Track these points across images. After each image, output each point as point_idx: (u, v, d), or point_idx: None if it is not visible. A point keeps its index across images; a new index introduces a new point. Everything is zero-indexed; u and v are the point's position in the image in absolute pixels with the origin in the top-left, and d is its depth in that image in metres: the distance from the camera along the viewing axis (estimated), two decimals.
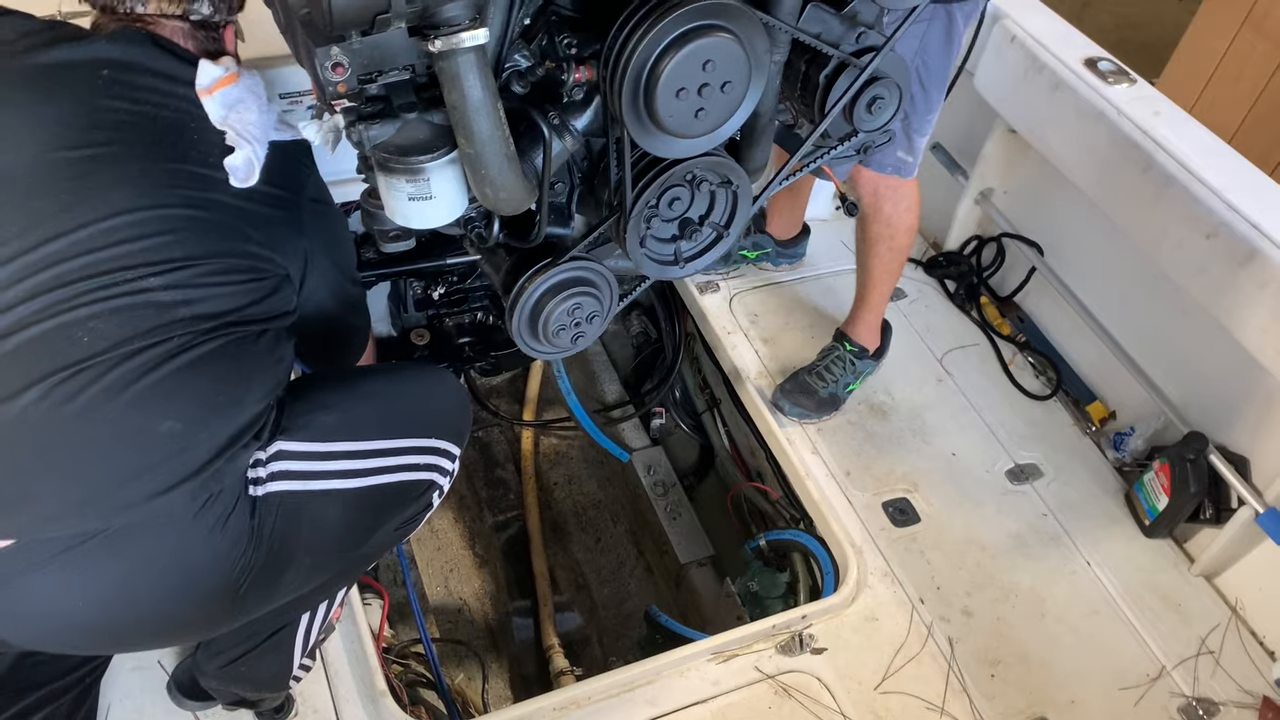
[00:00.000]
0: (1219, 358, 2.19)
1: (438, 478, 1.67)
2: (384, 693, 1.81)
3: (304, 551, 1.50)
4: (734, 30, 1.07)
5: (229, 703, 1.75)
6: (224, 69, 1.45)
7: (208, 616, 1.47)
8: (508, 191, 1.11)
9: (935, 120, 2.13)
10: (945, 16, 1.95)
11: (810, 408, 2.39)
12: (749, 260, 2.75)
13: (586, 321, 1.31)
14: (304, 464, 1.49)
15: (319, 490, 1.49)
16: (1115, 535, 2.28)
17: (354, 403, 1.60)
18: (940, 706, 1.92)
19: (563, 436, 3.01)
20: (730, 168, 1.24)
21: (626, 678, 1.90)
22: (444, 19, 0.99)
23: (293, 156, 1.52)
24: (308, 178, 1.55)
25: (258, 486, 1.44)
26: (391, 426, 1.61)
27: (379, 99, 1.09)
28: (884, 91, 1.28)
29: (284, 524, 1.45)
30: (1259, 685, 2.01)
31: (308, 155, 1.56)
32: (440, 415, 1.70)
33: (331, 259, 1.62)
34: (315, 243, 1.55)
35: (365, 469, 1.54)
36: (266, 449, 1.45)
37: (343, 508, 1.52)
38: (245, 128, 1.42)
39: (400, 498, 1.62)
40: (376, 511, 1.60)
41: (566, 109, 1.16)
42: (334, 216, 1.67)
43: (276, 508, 1.44)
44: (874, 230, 2.30)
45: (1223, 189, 2.05)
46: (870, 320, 2.44)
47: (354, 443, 1.54)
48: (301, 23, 1.02)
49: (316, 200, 1.57)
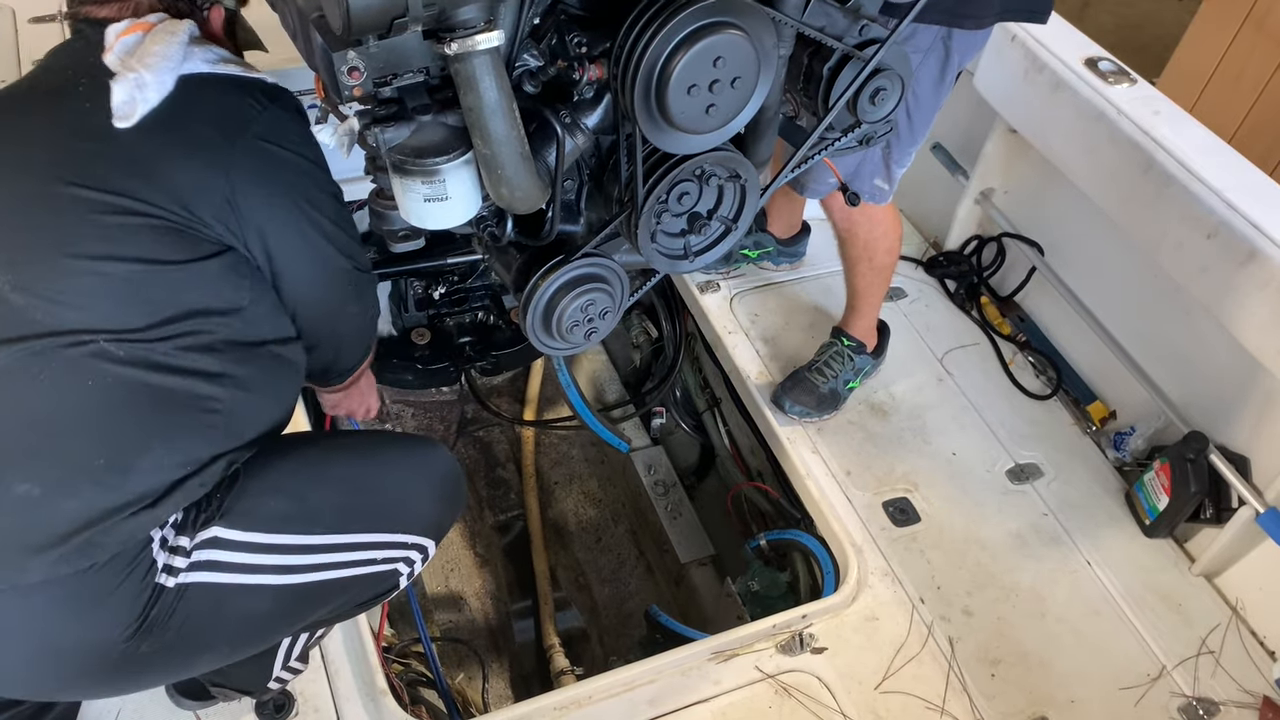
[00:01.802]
0: (1219, 357, 2.20)
1: (401, 567, 1.51)
2: (384, 692, 1.80)
3: (223, 641, 1.37)
4: (743, 26, 1.07)
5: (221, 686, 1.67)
6: (129, 21, 1.31)
7: (95, 684, 1.34)
8: (523, 191, 1.11)
9: (915, 153, 2.14)
10: (942, 51, 1.95)
11: (811, 405, 2.39)
12: (750, 259, 2.75)
13: (599, 317, 1.31)
14: (238, 555, 1.31)
15: (248, 584, 1.33)
16: (1115, 535, 2.28)
17: (315, 488, 1.41)
18: (940, 706, 1.92)
19: (564, 436, 3.01)
20: (739, 162, 1.25)
21: (627, 677, 1.89)
22: (459, 21, 0.99)
23: (237, 90, 1.32)
24: (256, 114, 1.32)
25: (171, 576, 1.27)
26: (356, 520, 1.42)
27: (392, 101, 1.09)
28: (887, 83, 1.28)
29: (200, 615, 1.30)
30: (1259, 685, 2.01)
31: (265, 93, 1.34)
32: (419, 509, 1.52)
33: (293, 215, 1.35)
34: (252, 188, 1.30)
35: (308, 565, 1.37)
36: (195, 535, 1.28)
37: (274, 602, 1.36)
38: (140, 60, 1.24)
39: (348, 590, 1.46)
40: (314, 604, 1.44)
41: (577, 107, 1.17)
42: (298, 165, 1.37)
43: (190, 599, 1.28)
44: (852, 253, 2.32)
45: (1223, 189, 2.05)
46: (864, 324, 2.45)
47: (303, 536, 1.36)
48: (316, 27, 1.02)
49: (269, 141, 1.32)
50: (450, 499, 1.59)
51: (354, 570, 1.43)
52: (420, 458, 1.57)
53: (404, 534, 1.48)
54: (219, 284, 1.29)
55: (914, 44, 1.91)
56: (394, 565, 1.49)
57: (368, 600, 1.53)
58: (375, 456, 1.53)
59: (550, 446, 3.00)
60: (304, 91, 2.22)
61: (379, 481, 1.49)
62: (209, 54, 1.32)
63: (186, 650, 1.33)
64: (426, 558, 1.54)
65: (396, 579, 1.52)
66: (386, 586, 1.52)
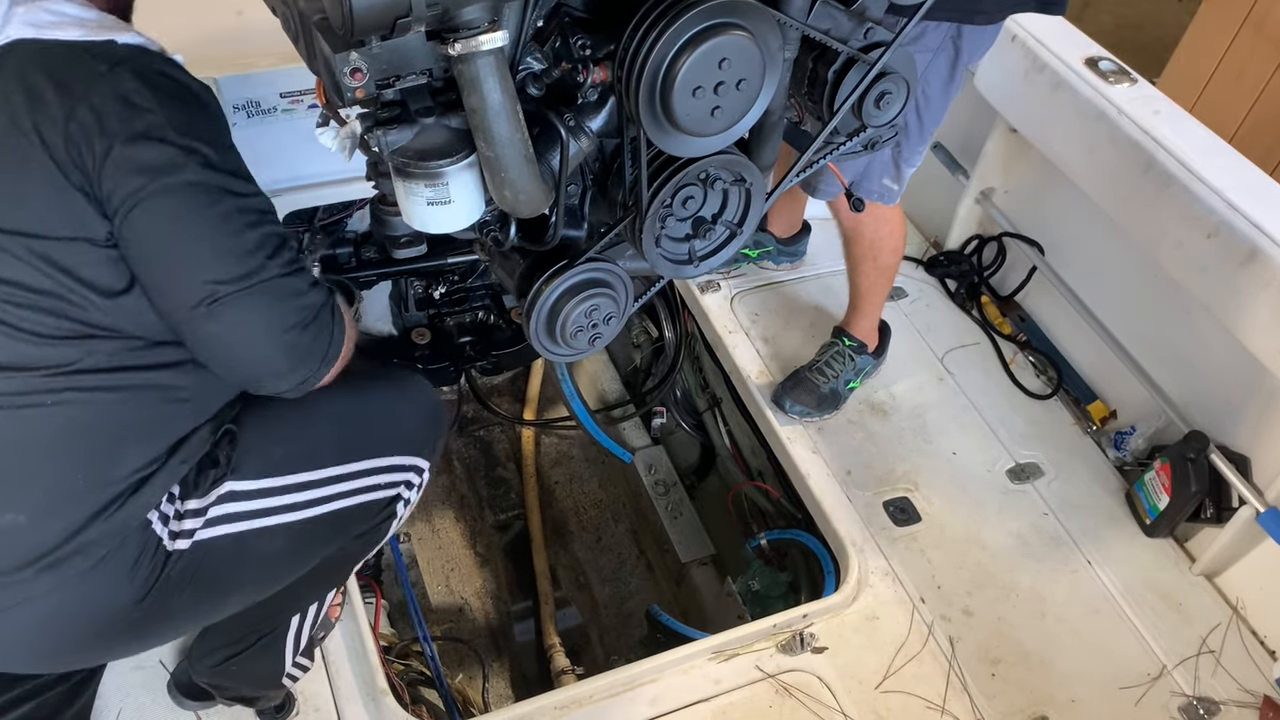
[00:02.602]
0: (1220, 357, 2.20)
1: (403, 491, 1.57)
2: (385, 691, 1.80)
3: (241, 585, 1.43)
4: (748, 28, 1.07)
5: (228, 698, 1.73)
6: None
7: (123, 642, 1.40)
8: (527, 194, 1.11)
9: (925, 152, 2.14)
10: (951, 50, 1.95)
11: (811, 404, 2.39)
12: (750, 259, 2.75)
13: (604, 323, 1.30)
14: (252, 503, 1.38)
15: (261, 527, 1.39)
16: (1116, 534, 2.28)
17: (311, 426, 1.47)
18: (941, 706, 1.92)
19: (564, 436, 3.01)
20: (744, 165, 1.24)
21: (627, 677, 1.90)
22: (463, 22, 0.98)
23: (87, 51, 1.17)
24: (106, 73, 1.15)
25: (184, 539, 1.32)
26: (352, 450, 1.49)
27: (394, 104, 1.09)
28: (892, 86, 1.28)
29: (218, 566, 1.36)
30: (1260, 685, 2.02)
31: (104, 59, 1.16)
32: (408, 431, 1.58)
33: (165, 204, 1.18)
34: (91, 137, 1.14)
35: (315, 499, 1.44)
36: (208, 494, 1.34)
37: (287, 539, 1.43)
38: None
39: (356, 517, 1.53)
40: (328, 535, 1.51)
41: (581, 110, 1.16)
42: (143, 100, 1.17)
43: (210, 551, 1.34)
44: (857, 251, 2.32)
45: (1223, 188, 2.06)
46: (866, 324, 2.45)
47: (306, 473, 1.43)
48: (318, 28, 1.01)
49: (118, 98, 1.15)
50: (435, 418, 1.65)
51: (358, 498, 1.49)
52: (400, 384, 1.64)
53: (399, 456, 1.54)
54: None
55: (923, 43, 1.92)
56: (395, 490, 1.55)
57: (373, 530, 1.58)
58: (359, 389, 1.54)
59: (550, 446, 3.01)
60: (304, 93, 2.24)
61: (367, 411, 1.54)
62: (39, 14, 1.18)
63: (210, 597, 1.40)
64: (422, 478, 1.60)
65: (396, 505, 1.57)
66: (389, 513, 1.57)
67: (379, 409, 1.56)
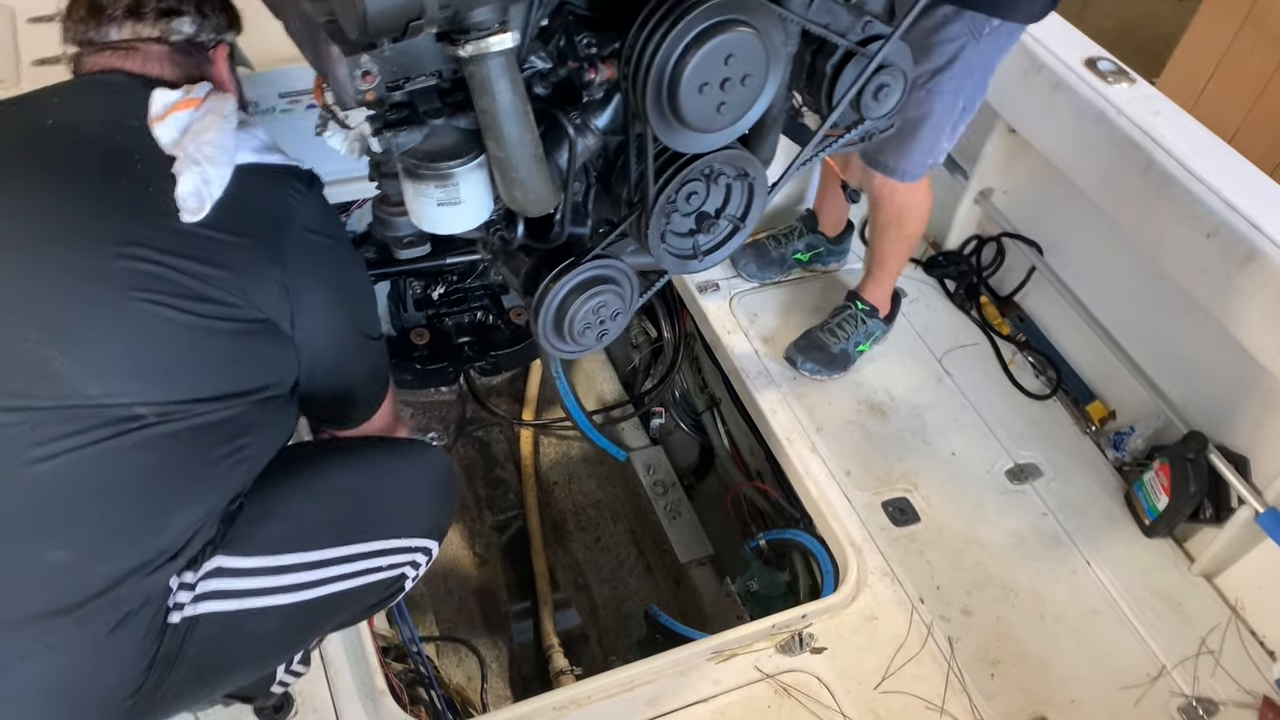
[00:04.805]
0: (1219, 357, 2.20)
1: (408, 570, 1.52)
2: (384, 692, 1.79)
3: (239, 664, 1.39)
4: (753, 24, 1.07)
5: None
6: (182, 93, 1.31)
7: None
8: (536, 193, 1.11)
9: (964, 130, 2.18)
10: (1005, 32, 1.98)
11: (823, 362, 2.46)
12: (802, 263, 2.78)
13: (611, 319, 1.31)
14: (243, 581, 1.33)
15: (257, 608, 1.34)
16: (1115, 535, 2.28)
17: (312, 505, 1.43)
18: (940, 706, 1.92)
19: (563, 436, 3.01)
20: (747, 160, 1.25)
21: (626, 677, 1.89)
22: (473, 24, 0.98)
23: (280, 179, 1.36)
24: (299, 203, 1.35)
25: (177, 611, 1.28)
26: (354, 531, 1.44)
27: (403, 105, 1.09)
28: (890, 79, 1.29)
29: (213, 644, 1.31)
30: (1259, 685, 2.02)
31: (302, 181, 1.38)
32: (416, 510, 1.54)
33: (330, 298, 1.40)
34: (303, 277, 1.33)
35: (311, 581, 1.39)
36: (199, 568, 1.29)
37: (284, 620, 1.38)
38: (199, 149, 1.25)
39: (355, 599, 1.48)
40: (325, 617, 1.47)
41: (587, 108, 1.16)
42: (336, 251, 1.43)
43: (200, 629, 1.30)
44: (883, 217, 2.35)
45: (1223, 188, 2.06)
46: (880, 291, 2.50)
47: (302, 554, 1.38)
48: (327, 31, 1.00)
49: (312, 230, 1.36)
50: (447, 497, 1.61)
51: (360, 580, 1.44)
52: (412, 460, 1.59)
53: (405, 539, 1.49)
54: (261, 356, 1.32)
55: (946, 34, 1.95)
56: (400, 570, 1.50)
57: (377, 604, 1.55)
58: (368, 464, 1.53)
59: (549, 446, 3.00)
60: (303, 92, 2.23)
61: (374, 489, 1.50)
62: (252, 140, 1.34)
63: (204, 679, 1.34)
64: (430, 558, 1.56)
65: (403, 582, 1.53)
66: (394, 590, 1.53)
67: (386, 484, 1.52)
